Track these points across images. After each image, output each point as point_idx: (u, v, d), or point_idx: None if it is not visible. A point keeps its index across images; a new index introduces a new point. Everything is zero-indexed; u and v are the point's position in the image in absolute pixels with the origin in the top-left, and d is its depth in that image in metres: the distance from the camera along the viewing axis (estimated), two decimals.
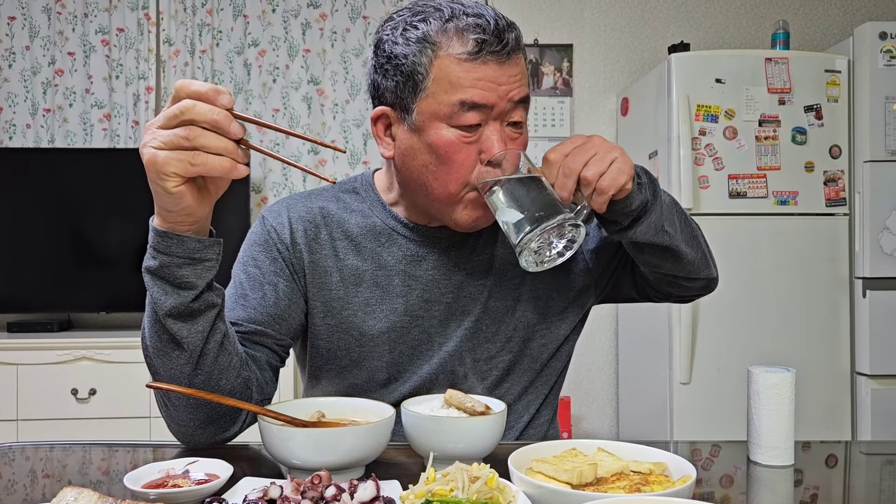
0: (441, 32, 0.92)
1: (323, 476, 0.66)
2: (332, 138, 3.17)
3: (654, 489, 0.67)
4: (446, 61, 0.91)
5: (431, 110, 0.93)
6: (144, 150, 0.73)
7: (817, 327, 2.63)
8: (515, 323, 1.06)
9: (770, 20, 3.26)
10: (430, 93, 0.92)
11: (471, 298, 1.04)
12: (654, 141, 2.78)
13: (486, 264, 1.06)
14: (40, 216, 2.92)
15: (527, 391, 1.08)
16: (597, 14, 3.31)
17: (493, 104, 0.92)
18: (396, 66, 0.94)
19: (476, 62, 0.91)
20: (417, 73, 0.92)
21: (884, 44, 2.57)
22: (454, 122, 0.92)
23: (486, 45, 0.90)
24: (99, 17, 3.09)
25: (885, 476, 0.88)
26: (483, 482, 0.63)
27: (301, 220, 1.04)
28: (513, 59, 0.93)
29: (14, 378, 2.64)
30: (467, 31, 0.91)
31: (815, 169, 2.62)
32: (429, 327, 1.03)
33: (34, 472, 0.84)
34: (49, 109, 3.07)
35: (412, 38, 0.93)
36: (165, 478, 0.72)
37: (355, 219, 1.05)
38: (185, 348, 0.82)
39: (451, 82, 0.91)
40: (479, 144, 0.93)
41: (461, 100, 0.91)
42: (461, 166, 0.93)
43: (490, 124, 0.93)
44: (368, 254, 1.03)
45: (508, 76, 0.92)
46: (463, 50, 0.91)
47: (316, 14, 3.17)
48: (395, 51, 0.93)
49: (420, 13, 0.94)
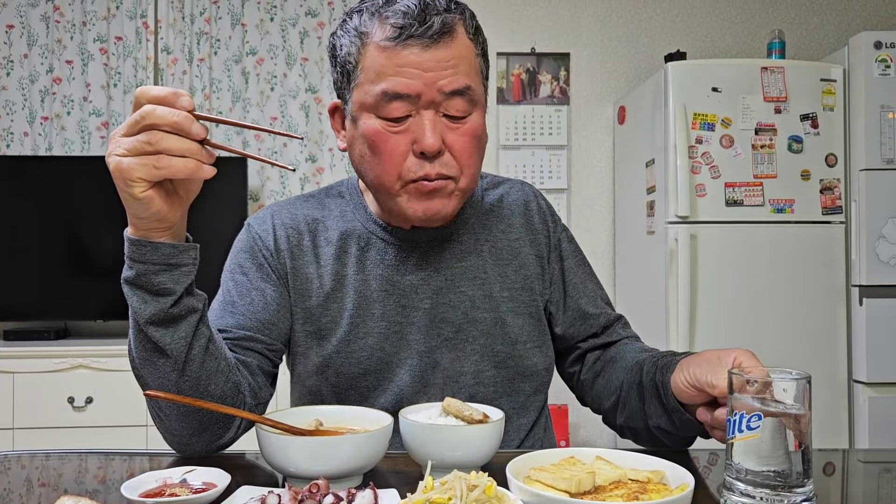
0: (369, 21, 0.90)
1: (321, 485, 0.65)
2: (329, 146, 3.17)
3: (652, 497, 0.67)
4: (371, 50, 0.90)
5: (360, 100, 0.92)
6: (109, 159, 0.73)
7: (814, 335, 2.63)
8: (496, 333, 1.03)
9: (766, 29, 3.27)
10: (359, 83, 0.92)
11: (450, 306, 1.02)
12: (651, 149, 2.79)
13: (468, 272, 1.04)
14: (37, 224, 2.91)
15: (511, 402, 1.04)
16: (594, 23, 3.33)
17: (419, 93, 0.89)
18: (335, 57, 0.95)
19: (397, 48, 0.88)
20: (348, 63, 0.93)
21: (879, 53, 2.58)
22: (381, 113, 0.90)
23: (404, 29, 0.87)
24: (97, 26, 3.10)
25: (883, 484, 0.88)
26: (481, 490, 0.63)
27: (284, 226, 1.04)
28: (442, 43, 0.88)
29: (10, 386, 2.63)
30: (390, 17, 0.88)
31: (811, 177, 2.63)
32: (406, 334, 1.01)
33: (30, 481, 0.84)
34: (47, 117, 3.07)
35: (348, 30, 0.93)
36: (163, 486, 0.72)
37: (337, 224, 1.05)
38: (170, 355, 0.81)
39: (375, 71, 0.90)
40: (410, 134, 0.91)
41: (383, 90, 0.89)
42: (391, 156, 0.91)
43: (421, 113, 0.90)
44: (349, 259, 1.02)
45: (437, 61, 0.88)
46: (383, 36, 0.88)
47: (314, 23, 3.18)
48: (336, 42, 0.95)
49: (362, 3, 0.93)
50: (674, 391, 0.87)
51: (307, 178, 3.16)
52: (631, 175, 3.04)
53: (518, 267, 1.07)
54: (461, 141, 0.93)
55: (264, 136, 3.16)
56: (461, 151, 0.93)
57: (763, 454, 0.68)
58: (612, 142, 3.29)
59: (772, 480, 0.68)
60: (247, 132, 3.15)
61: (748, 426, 0.68)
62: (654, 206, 2.77)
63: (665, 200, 2.63)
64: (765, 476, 0.68)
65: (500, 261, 1.06)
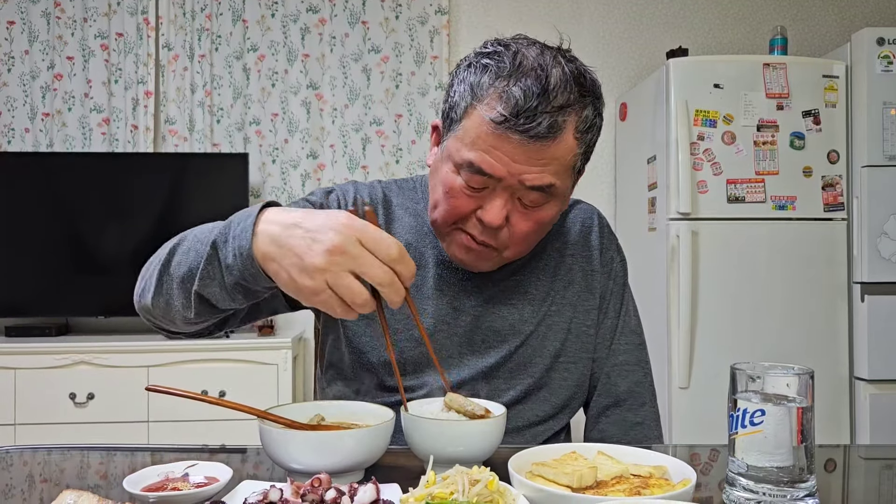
0: (488, 87, 0.90)
1: (323, 479, 0.65)
2: (330, 143, 3.17)
3: (654, 493, 0.67)
4: (476, 116, 0.91)
5: (452, 149, 0.94)
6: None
7: (815, 332, 2.63)
8: (540, 349, 1.05)
9: (768, 26, 3.27)
10: (457, 136, 0.93)
11: (499, 316, 1.04)
12: (653, 146, 2.78)
13: (521, 286, 1.06)
14: (39, 220, 2.91)
15: (538, 418, 1.05)
16: (595, 19, 3.32)
17: (501, 177, 0.90)
18: (449, 94, 0.96)
19: (497, 131, 0.89)
20: (455, 112, 0.94)
21: (881, 49, 2.58)
22: (462, 175, 0.93)
23: (508, 121, 0.87)
24: (98, 22, 3.10)
25: (884, 480, 0.88)
26: (483, 485, 0.63)
27: (366, 195, 1.09)
28: (542, 144, 0.88)
29: (12, 382, 2.63)
30: (503, 99, 0.88)
31: (813, 174, 2.63)
32: (452, 335, 1.03)
33: (32, 476, 0.84)
34: (48, 114, 3.07)
35: (466, 80, 0.93)
36: (165, 481, 0.72)
37: (408, 215, 1.08)
38: (216, 307, 0.85)
39: (471, 138, 0.91)
40: (481, 201, 0.93)
41: (470, 161, 0.90)
42: (454, 210, 0.95)
43: (497, 190, 0.92)
44: (412, 251, 1.05)
45: (528, 157, 0.89)
46: (490, 114, 0.89)
47: (315, 19, 3.17)
48: (454, 81, 0.95)
49: (490, 56, 0.92)
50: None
51: (308, 175, 3.16)
52: (632, 172, 3.04)
53: (567, 283, 1.09)
54: (525, 225, 0.95)
55: (265, 133, 3.16)
56: (519, 233, 0.96)
57: (766, 450, 0.68)
58: (613, 138, 3.29)
59: (774, 476, 0.68)
60: (246, 128, 3.14)
61: (751, 421, 0.68)
62: (655, 202, 2.77)
63: (666, 197, 2.63)
64: (767, 471, 0.68)
65: (551, 276, 1.08)
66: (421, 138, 3.19)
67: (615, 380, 1.09)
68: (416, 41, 3.20)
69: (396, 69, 3.20)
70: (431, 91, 3.18)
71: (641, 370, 1.11)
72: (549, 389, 1.05)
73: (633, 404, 1.09)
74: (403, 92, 3.20)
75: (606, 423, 1.09)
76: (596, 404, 1.11)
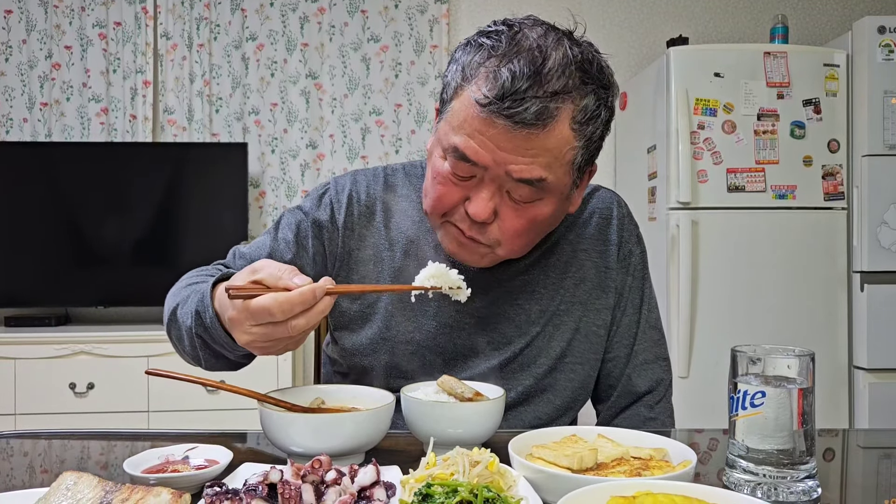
0: (478, 66, 0.84)
1: (323, 461, 0.65)
2: (330, 133, 3.16)
3: (654, 474, 0.67)
4: (464, 98, 0.85)
5: (441, 135, 0.90)
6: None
7: (815, 321, 2.63)
8: (545, 350, 1.01)
9: (769, 14, 3.25)
10: (447, 118, 0.88)
11: (505, 318, 1.00)
12: (653, 135, 2.78)
13: (528, 285, 1.01)
14: (37, 210, 2.91)
15: (540, 421, 1.02)
16: (595, 8, 3.31)
17: (486, 165, 0.84)
18: (444, 75, 0.91)
19: (483, 115, 0.82)
20: (446, 93, 0.90)
21: (882, 38, 2.57)
22: (449, 162, 0.87)
23: (492, 104, 0.81)
24: (96, 11, 3.08)
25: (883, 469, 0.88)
26: (484, 466, 0.63)
27: (365, 186, 1.05)
28: (530, 131, 0.81)
29: (12, 372, 2.63)
30: (489, 79, 0.81)
31: (813, 163, 2.62)
32: (455, 338, 1.00)
33: (32, 461, 0.84)
34: (46, 103, 3.06)
35: (459, 59, 0.88)
36: (165, 463, 0.72)
37: (412, 206, 1.04)
38: (228, 357, 0.91)
39: (458, 121, 0.86)
40: (468, 191, 0.88)
41: (455, 146, 0.85)
42: (441, 199, 0.90)
43: (486, 182, 0.86)
44: (412, 247, 1.02)
45: (515, 146, 0.82)
46: (477, 94, 0.82)
47: (314, 8, 3.16)
48: (450, 61, 0.90)
49: (489, 35, 0.86)
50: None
51: (307, 165, 3.15)
52: (632, 161, 3.03)
53: (578, 281, 1.04)
54: (516, 222, 0.89)
55: (264, 123, 3.15)
56: (509, 230, 0.89)
57: (766, 432, 0.68)
58: (613, 127, 3.26)
59: (774, 458, 0.68)
60: (246, 119, 3.13)
61: (752, 403, 0.68)
62: (655, 192, 2.76)
63: (666, 186, 2.62)
64: (767, 453, 0.68)
65: (561, 273, 1.03)
66: (420, 128, 3.18)
67: (636, 381, 1.06)
68: (416, 30, 3.19)
69: (396, 58, 3.19)
70: (431, 80, 3.17)
71: (661, 367, 1.08)
72: (552, 391, 1.02)
73: (649, 401, 1.06)
74: (403, 81, 3.19)
75: (620, 420, 1.06)
76: (614, 405, 1.07)
